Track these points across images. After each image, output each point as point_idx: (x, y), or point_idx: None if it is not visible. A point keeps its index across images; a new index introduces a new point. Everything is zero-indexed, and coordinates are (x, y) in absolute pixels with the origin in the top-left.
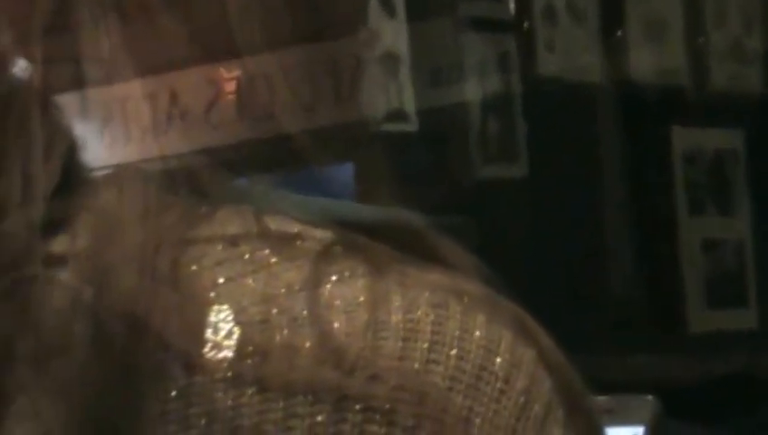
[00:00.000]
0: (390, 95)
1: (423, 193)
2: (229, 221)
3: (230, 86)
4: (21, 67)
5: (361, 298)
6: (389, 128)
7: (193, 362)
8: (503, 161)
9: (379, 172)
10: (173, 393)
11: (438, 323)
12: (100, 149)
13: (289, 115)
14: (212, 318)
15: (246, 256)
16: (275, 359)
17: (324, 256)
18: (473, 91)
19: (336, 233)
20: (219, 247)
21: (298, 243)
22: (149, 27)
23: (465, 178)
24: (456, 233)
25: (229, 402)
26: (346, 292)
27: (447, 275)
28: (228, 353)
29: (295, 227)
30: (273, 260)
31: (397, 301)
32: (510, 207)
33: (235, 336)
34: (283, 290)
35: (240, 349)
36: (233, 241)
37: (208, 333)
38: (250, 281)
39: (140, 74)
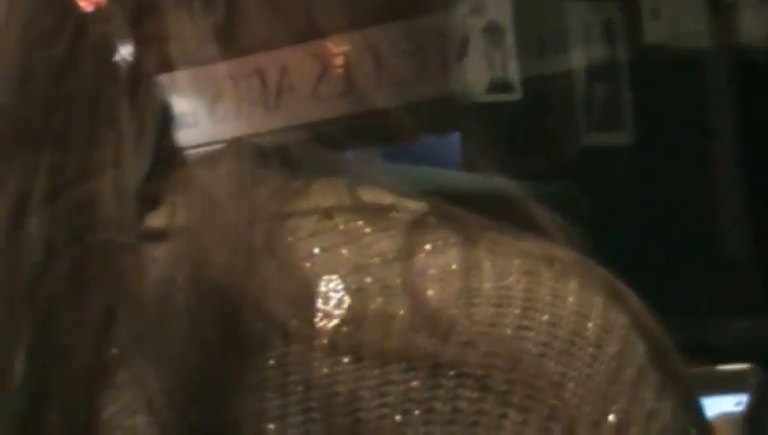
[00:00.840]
0: (494, 65)
1: (528, 162)
2: (323, 194)
3: (338, 61)
4: (124, 48)
5: (454, 266)
6: (494, 98)
7: (290, 332)
8: (608, 129)
9: (483, 143)
10: (271, 362)
11: (530, 290)
12: (210, 125)
13: (395, 88)
14: (321, 288)
15: (340, 228)
16: (370, 327)
17: (417, 225)
18: (577, 59)
19: (429, 203)
20: (314, 220)
21: (391, 214)
22: (259, 4)
23: (570, 147)
24: (562, 201)
25: (325, 370)
26: (439, 260)
27: (539, 243)
28: (334, 322)
29: (388, 199)
30: (367, 231)
31: (489, 268)
32: (616, 175)
33: (345, 305)
34: (376, 259)
35: (342, 317)
36: (327, 213)
37: (318, 302)
38: (344, 251)
39: (251, 51)
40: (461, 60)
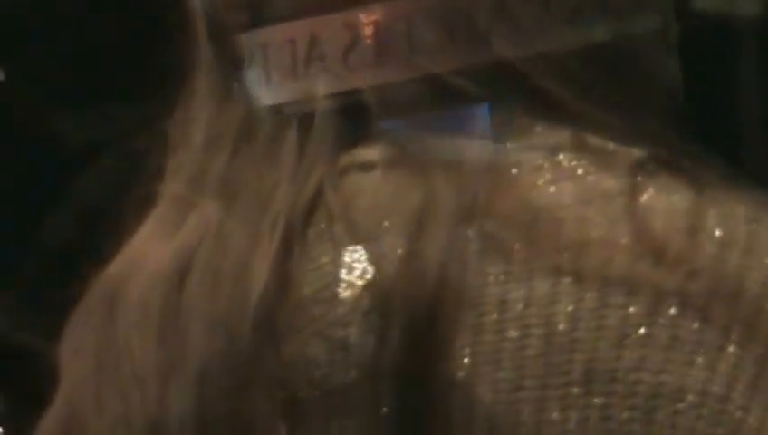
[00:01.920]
0: None
1: None
2: (547, 133)
3: (368, 30)
4: None
5: (679, 206)
6: None
7: (512, 252)
8: None
9: (514, 112)
10: (491, 278)
11: (754, 233)
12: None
13: (425, 57)
14: (542, 215)
15: (564, 165)
16: (593, 252)
17: (640, 169)
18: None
19: (650, 150)
20: (538, 155)
21: (614, 157)
22: None
23: None
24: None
25: (546, 290)
26: (664, 200)
27: (754, 192)
28: (556, 246)
29: (611, 144)
30: (591, 169)
31: (714, 211)
32: None
33: (567, 231)
34: (599, 195)
35: (563, 243)
36: (551, 150)
37: (538, 228)
38: (567, 186)
39: (281, 20)
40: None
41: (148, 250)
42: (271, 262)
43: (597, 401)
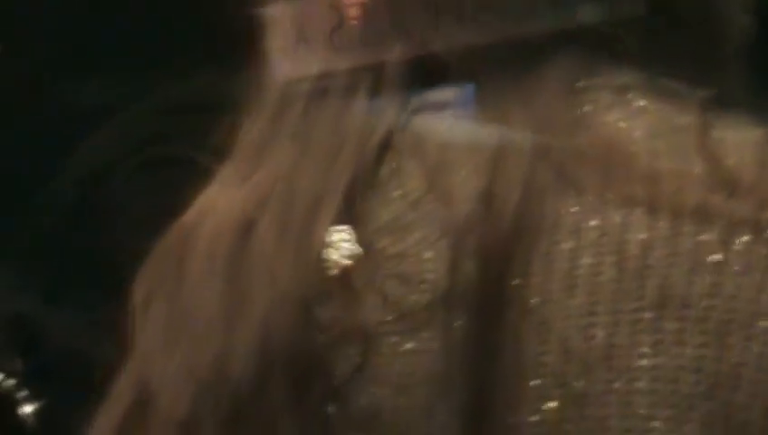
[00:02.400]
0: None
1: None
2: (617, 74)
3: (353, 12)
4: None
5: (749, 140)
6: None
7: (585, 182)
8: None
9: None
10: (565, 209)
11: None
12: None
13: (411, 37)
14: (614, 149)
15: (634, 103)
16: (665, 183)
17: (708, 108)
18: None
19: (716, 94)
20: (609, 95)
21: (682, 96)
22: None
23: None
24: None
25: (619, 219)
26: (733, 135)
27: None
28: (628, 177)
29: (679, 85)
30: (661, 106)
31: None
32: None
33: (639, 163)
34: (670, 129)
35: (635, 174)
36: (622, 90)
37: (610, 161)
38: (637, 122)
39: (267, 2)
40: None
41: (220, 199)
42: (341, 201)
43: (669, 325)
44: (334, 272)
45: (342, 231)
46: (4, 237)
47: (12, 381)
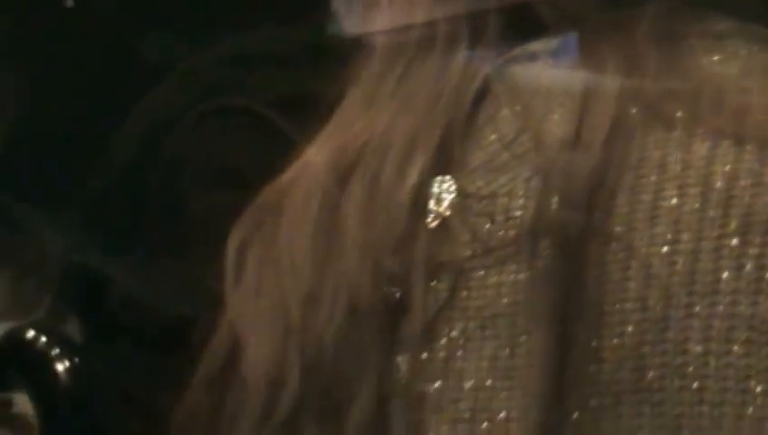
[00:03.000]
0: None
1: None
2: (715, 22)
3: None
4: None
5: None
6: None
7: (673, 118)
8: None
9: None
10: (652, 144)
11: None
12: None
13: None
14: (707, 87)
15: (729, 48)
16: (753, 117)
17: None
18: None
19: None
20: (705, 40)
21: None
22: None
23: None
24: None
25: (705, 152)
26: None
27: None
28: (716, 111)
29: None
30: (755, 50)
31: None
32: None
33: (728, 100)
34: (762, 70)
35: (724, 109)
36: (717, 36)
37: (700, 98)
38: (731, 63)
39: None
40: None
41: (317, 152)
42: (436, 148)
43: (752, 251)
44: (435, 223)
45: (446, 181)
46: (66, 188)
47: (45, 339)
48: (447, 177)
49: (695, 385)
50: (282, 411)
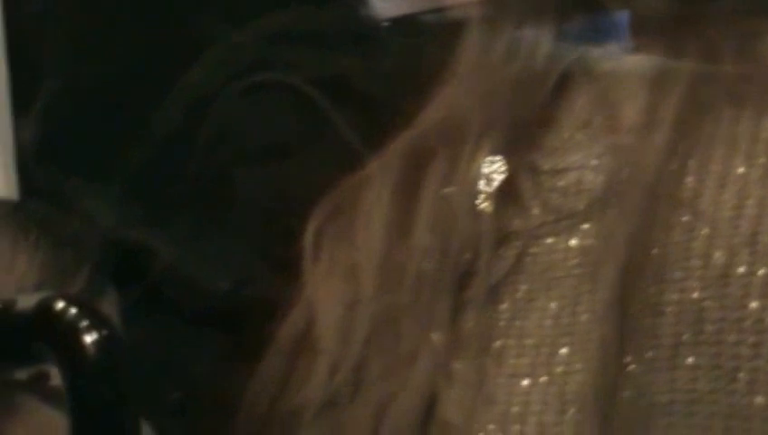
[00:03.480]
0: None
1: None
2: None
3: None
4: None
5: None
6: None
7: (745, 95)
8: None
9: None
10: (724, 120)
11: None
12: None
13: None
14: None
15: None
16: None
17: None
18: None
19: None
20: None
21: None
22: None
23: None
24: None
25: None
26: None
27: None
28: None
29: None
30: None
31: None
32: None
33: None
34: None
35: None
36: None
37: None
38: None
39: None
40: None
41: (400, 138)
42: (508, 128)
43: None
44: (485, 205)
45: (495, 162)
46: (110, 161)
47: (75, 310)
48: (507, 164)
49: (751, 339)
50: (345, 373)
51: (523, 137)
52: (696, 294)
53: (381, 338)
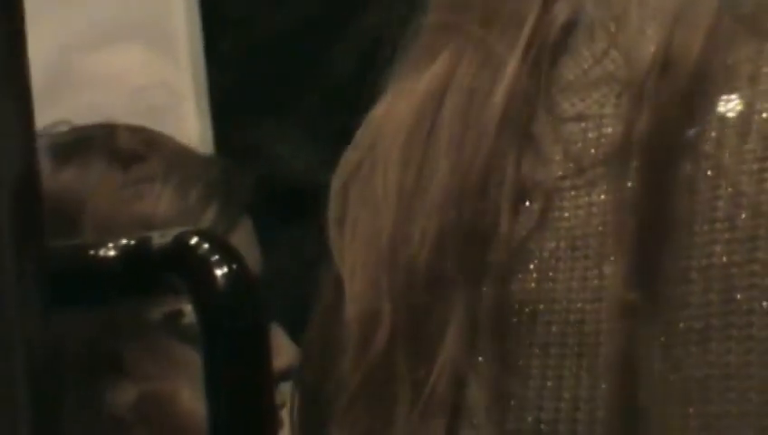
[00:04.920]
0: None
1: None
2: None
3: None
4: None
5: None
6: None
7: (765, 29)
8: None
9: None
10: (744, 56)
11: None
12: None
13: None
14: None
15: None
16: None
17: None
18: None
19: None
20: None
21: None
22: None
23: None
24: None
25: None
26: None
27: None
28: None
29: None
30: None
31: None
32: None
33: None
34: None
35: None
36: None
37: None
38: None
39: None
40: None
41: (409, 80)
42: (525, 68)
43: None
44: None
45: (532, 100)
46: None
47: (207, 245)
48: (532, 95)
49: None
50: (377, 345)
51: (540, 69)
52: (722, 260)
53: (405, 309)
